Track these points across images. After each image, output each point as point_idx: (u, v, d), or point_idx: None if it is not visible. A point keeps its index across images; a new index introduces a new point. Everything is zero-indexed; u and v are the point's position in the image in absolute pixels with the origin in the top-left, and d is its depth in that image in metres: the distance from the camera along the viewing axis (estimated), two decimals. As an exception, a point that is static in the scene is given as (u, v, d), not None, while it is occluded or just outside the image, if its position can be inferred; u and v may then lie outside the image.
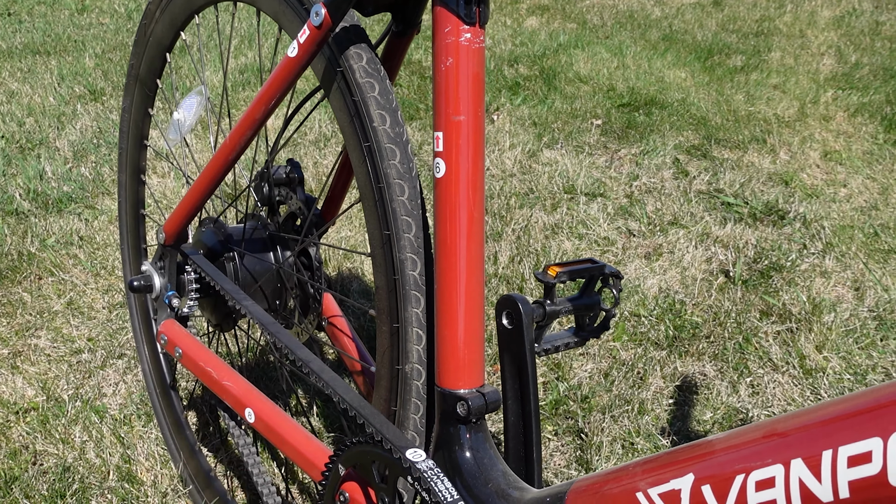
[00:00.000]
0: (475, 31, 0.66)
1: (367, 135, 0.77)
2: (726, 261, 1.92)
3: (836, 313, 1.69)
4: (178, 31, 1.16)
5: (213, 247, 1.05)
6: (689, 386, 1.50)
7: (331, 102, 0.82)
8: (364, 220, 0.81)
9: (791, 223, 2.10)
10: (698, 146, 2.60)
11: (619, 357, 1.57)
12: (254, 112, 0.84)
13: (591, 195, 2.27)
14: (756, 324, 1.67)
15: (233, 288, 0.94)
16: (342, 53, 0.78)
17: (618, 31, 4.13)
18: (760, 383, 1.50)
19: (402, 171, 0.76)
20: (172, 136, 1.18)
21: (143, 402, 1.47)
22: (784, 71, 3.42)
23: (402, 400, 0.78)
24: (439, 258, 0.70)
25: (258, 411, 0.87)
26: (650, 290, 1.79)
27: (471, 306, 0.70)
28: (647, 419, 1.41)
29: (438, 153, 0.68)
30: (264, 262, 1.06)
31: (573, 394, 1.48)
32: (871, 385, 0.87)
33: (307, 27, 0.76)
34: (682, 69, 3.45)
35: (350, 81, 0.78)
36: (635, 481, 0.53)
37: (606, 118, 2.85)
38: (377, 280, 0.80)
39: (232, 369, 0.92)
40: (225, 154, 0.87)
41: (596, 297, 0.84)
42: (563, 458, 1.35)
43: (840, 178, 2.41)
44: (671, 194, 2.27)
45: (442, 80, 0.66)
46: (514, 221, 2.10)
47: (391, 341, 0.79)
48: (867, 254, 1.96)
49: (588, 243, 2.01)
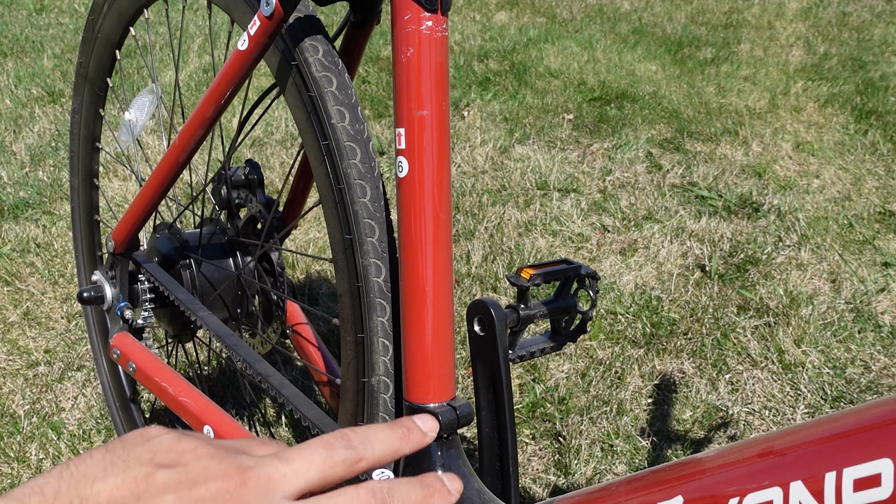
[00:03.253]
0: (437, 18, 0.61)
1: (325, 132, 0.72)
2: (702, 255, 1.90)
3: (813, 306, 1.67)
4: (127, 26, 1.10)
5: (167, 254, 0.99)
6: (667, 384, 1.47)
7: (286, 99, 0.77)
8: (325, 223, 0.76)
9: (765, 216, 2.08)
10: (671, 139, 2.58)
11: (597, 356, 1.54)
12: (204, 110, 0.78)
13: (564, 191, 2.24)
14: (733, 319, 1.64)
15: (187, 297, 0.88)
16: (297, 46, 0.73)
17: (587, 25, 4.10)
18: (740, 380, 1.48)
19: (364, 171, 0.71)
20: (124, 138, 1.12)
21: (104, 416, 1.41)
22: (754, 62, 3.42)
23: (368, 414, 0.73)
24: (404, 264, 0.65)
25: (217, 429, 0.81)
26: (626, 287, 1.76)
27: (439, 314, 0.65)
28: (626, 420, 1.38)
29: (401, 151, 0.63)
30: (223, 268, 1.00)
31: (550, 396, 1.44)
32: (866, 400, 0.84)
33: (258, 17, 0.71)
34: (652, 62, 3.43)
35: (306, 76, 0.73)
36: (621, 500, 0.49)
37: (578, 112, 2.82)
38: (340, 287, 0.75)
39: (189, 384, 0.87)
40: (175, 155, 0.82)
41: (572, 299, 0.80)
42: (542, 463, 1.31)
43: (813, 169, 2.40)
44: (645, 188, 2.24)
45: (403, 73, 0.62)
46: (487, 219, 2.05)
47: (356, 352, 0.74)
48: (842, 245, 1.95)
49: (562, 240, 1.97)
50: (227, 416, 0.84)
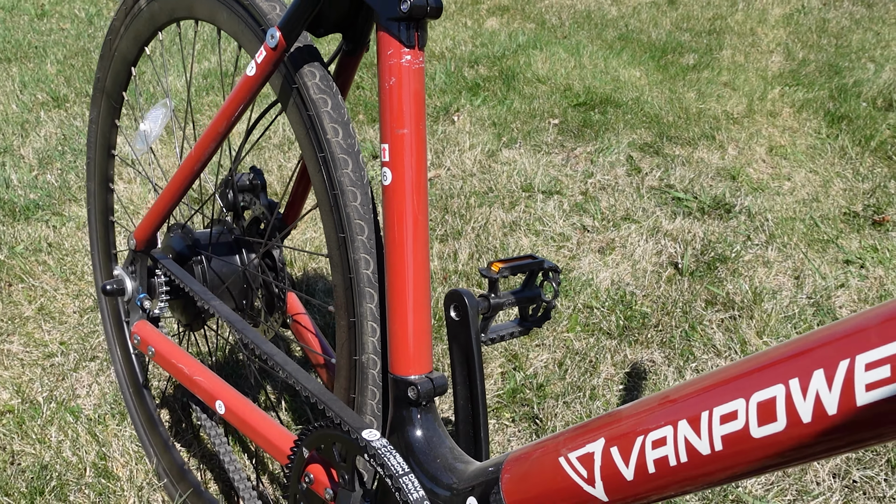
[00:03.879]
0: (415, 53, 0.73)
1: (321, 146, 0.84)
2: (675, 253, 2.02)
3: (776, 301, 1.80)
4: (143, 46, 1.22)
5: (181, 251, 1.11)
6: (638, 372, 1.60)
7: (288, 116, 0.89)
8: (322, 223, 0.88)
9: (736, 216, 2.21)
10: (651, 143, 2.71)
11: (573, 347, 1.66)
12: (217, 125, 0.90)
13: (547, 193, 2.36)
14: (701, 312, 1.77)
15: (201, 289, 1.00)
16: (297, 71, 0.85)
17: (575, 31, 4.23)
18: (704, 368, 1.60)
19: (355, 179, 0.83)
20: (139, 146, 1.24)
21: (117, 402, 1.52)
22: (734, 68, 3.55)
23: (359, 387, 0.85)
24: (389, 258, 0.77)
25: (227, 402, 0.93)
26: (603, 283, 1.88)
27: (418, 301, 0.77)
28: (597, 404, 1.50)
29: (385, 163, 0.75)
30: (231, 264, 1.12)
31: (529, 382, 1.56)
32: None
33: (264, 48, 0.83)
34: (636, 68, 3.55)
35: (305, 97, 0.85)
36: (558, 448, 0.61)
37: (563, 118, 2.94)
38: (335, 279, 0.88)
39: (202, 365, 0.99)
40: (191, 164, 0.94)
41: (537, 290, 0.92)
42: (520, 443, 1.43)
43: (785, 172, 2.52)
44: (624, 190, 2.37)
45: (386, 98, 0.74)
46: (474, 220, 2.17)
47: (349, 334, 0.86)
48: (807, 244, 2.07)
49: (545, 240, 2.09)
50: (236, 391, 0.96)
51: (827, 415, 0.44)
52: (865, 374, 0.42)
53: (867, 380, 0.42)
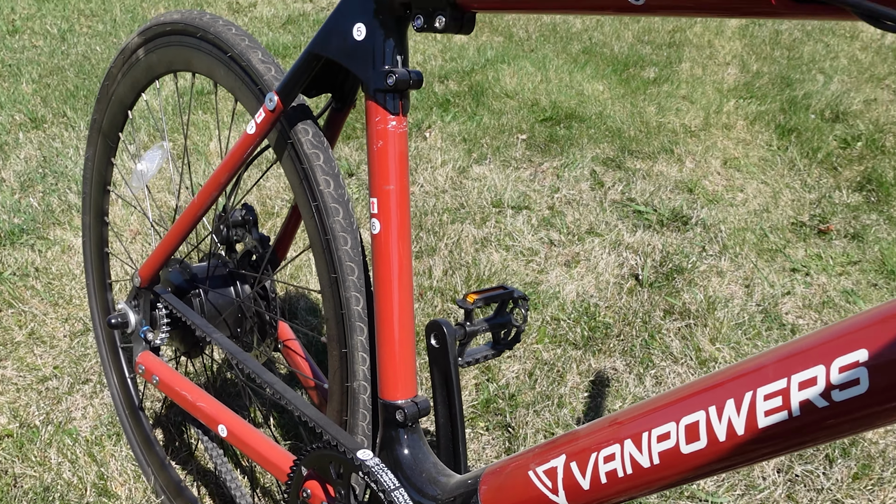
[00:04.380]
0: (399, 119, 0.84)
1: (315, 196, 0.94)
2: (636, 265, 2.15)
3: (727, 309, 1.93)
4: (140, 92, 1.31)
5: (180, 285, 1.21)
6: (601, 380, 1.72)
7: (283, 166, 1.00)
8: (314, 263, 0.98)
9: (693, 228, 2.35)
10: (613, 158, 2.84)
11: (542, 357, 1.78)
12: (218, 177, 1.00)
13: (517, 208, 2.48)
14: (659, 322, 1.90)
15: (203, 322, 1.10)
16: (292, 128, 0.96)
17: (542, 45, 4.36)
18: (662, 374, 1.73)
19: (346, 226, 0.94)
20: (136, 184, 1.33)
21: (112, 423, 1.61)
22: (692, 81, 3.70)
23: (351, 410, 0.96)
24: (378, 296, 0.88)
25: (229, 426, 1.03)
26: (569, 296, 2.01)
27: (404, 333, 0.88)
28: (565, 412, 1.62)
29: (374, 214, 0.86)
30: (226, 295, 1.22)
31: (502, 393, 1.67)
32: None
33: (263, 110, 0.93)
34: (600, 82, 3.69)
35: (299, 152, 0.95)
36: (528, 463, 0.73)
37: (531, 133, 3.07)
38: (327, 313, 0.98)
39: (204, 391, 1.09)
40: (194, 211, 1.04)
41: (507, 316, 1.03)
42: (494, 450, 1.55)
43: (738, 183, 2.67)
44: (588, 205, 2.50)
45: (375, 158, 0.84)
46: (447, 236, 2.29)
47: (340, 363, 0.97)
48: (757, 253, 2.22)
49: (514, 255, 2.21)
50: (236, 415, 1.06)
51: (737, 435, 0.56)
52: (764, 403, 0.54)
53: (766, 408, 0.54)
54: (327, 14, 5.19)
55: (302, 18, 4.92)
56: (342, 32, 0.85)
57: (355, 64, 0.84)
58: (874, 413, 0.50)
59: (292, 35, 4.60)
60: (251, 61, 1.01)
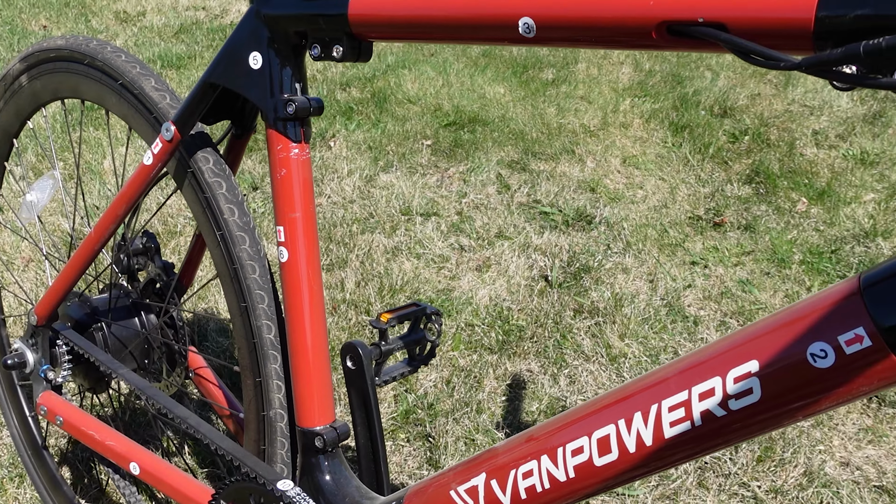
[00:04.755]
0: (301, 146, 0.84)
1: (219, 225, 0.93)
2: (545, 266, 2.20)
3: (634, 304, 2.01)
4: (25, 120, 1.25)
5: (80, 319, 1.16)
6: (518, 383, 1.75)
7: (184, 195, 0.97)
8: (223, 293, 0.96)
9: (597, 227, 2.42)
10: (518, 160, 2.90)
11: (458, 364, 1.80)
12: (116, 209, 0.97)
13: (425, 215, 2.49)
14: (570, 322, 1.95)
15: (107, 358, 1.06)
16: (191, 157, 0.93)
17: (441, 48, 4.39)
18: (576, 373, 1.78)
19: (253, 254, 0.92)
20: (25, 215, 1.27)
21: (14, 465, 1.53)
22: (589, 82, 3.81)
23: (269, 440, 0.95)
24: (290, 324, 0.87)
25: (142, 464, 1.00)
26: (482, 301, 2.03)
27: (318, 360, 0.88)
28: (484, 417, 1.64)
29: (282, 243, 0.85)
30: (131, 327, 1.18)
31: (420, 403, 1.68)
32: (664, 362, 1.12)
33: (160, 140, 0.91)
34: (500, 85, 3.75)
35: (201, 181, 0.93)
36: (449, 482, 0.74)
37: (435, 138, 3.09)
38: (238, 342, 0.96)
39: (112, 429, 1.05)
40: (92, 244, 1.00)
41: (421, 332, 1.04)
42: (416, 461, 1.55)
43: (637, 181, 2.77)
44: (496, 208, 2.54)
45: (279, 187, 0.84)
46: (358, 247, 2.28)
47: (255, 392, 0.95)
48: (659, 249, 2.31)
49: (426, 262, 2.22)
50: (148, 452, 1.03)
51: (646, 445, 0.59)
52: (669, 415, 0.57)
53: (671, 419, 0.57)
54: (221, 21, 5.06)
55: (195, 27, 4.78)
56: (238, 61, 0.83)
57: (253, 93, 0.83)
58: (768, 419, 0.53)
59: (186, 45, 4.48)
60: (144, 89, 0.99)
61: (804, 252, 2.28)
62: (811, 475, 1.51)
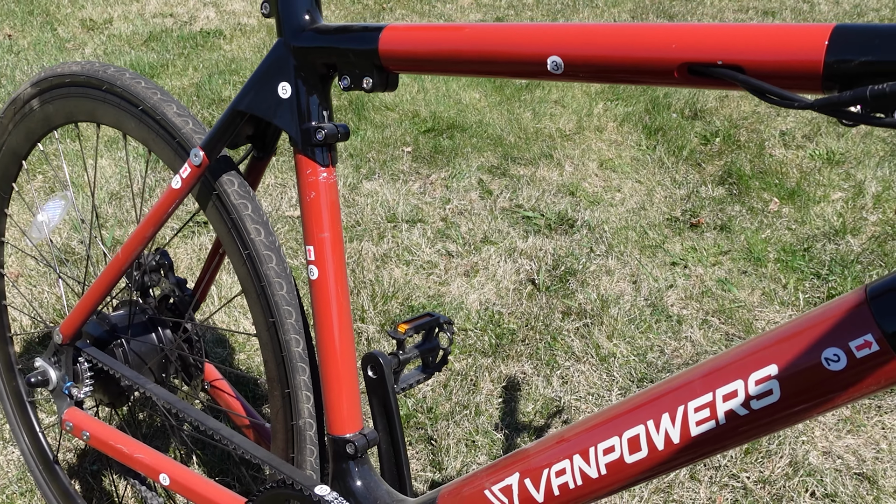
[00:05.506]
0: (329, 170, 0.88)
1: (246, 244, 0.97)
2: (531, 270, 2.27)
3: (619, 305, 2.08)
4: (36, 142, 1.28)
5: (100, 336, 1.19)
6: (513, 385, 1.81)
7: (208, 216, 1.01)
8: (249, 309, 1.00)
9: (579, 230, 2.49)
10: (498, 165, 2.96)
11: (455, 369, 1.85)
12: (144, 231, 1.01)
13: (411, 222, 2.54)
14: (559, 324, 2.01)
15: (133, 374, 1.10)
16: (216, 180, 0.98)
17: (414, 55, 4.44)
18: (568, 374, 1.84)
19: (280, 271, 0.97)
20: (36, 235, 1.30)
21: (23, 480, 1.55)
22: (562, 86, 3.89)
23: (298, 448, 0.99)
24: (320, 338, 0.92)
25: (172, 475, 1.04)
26: (473, 306, 2.09)
27: (347, 371, 0.93)
28: (482, 419, 1.70)
29: (311, 261, 0.90)
30: (149, 343, 1.22)
31: (420, 407, 1.74)
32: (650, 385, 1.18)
33: (188, 166, 0.95)
34: (475, 90, 3.82)
35: (226, 203, 0.97)
36: (483, 483, 0.79)
37: (415, 145, 3.14)
38: (265, 355, 1.01)
39: (140, 442, 1.08)
40: (119, 266, 1.03)
41: (435, 341, 1.10)
42: (420, 463, 1.61)
43: (615, 184, 2.85)
44: (480, 214, 2.60)
45: (308, 209, 0.88)
46: (348, 255, 2.32)
47: (283, 403, 1.00)
48: (640, 250, 2.39)
49: (415, 269, 2.28)
50: (177, 462, 1.07)
51: (673, 443, 0.65)
52: (695, 415, 0.63)
53: (697, 418, 0.63)
54: (191, 29, 5.04)
55: (164, 35, 4.77)
56: (267, 90, 0.88)
57: (283, 121, 0.88)
58: (786, 416, 0.59)
59: (156, 53, 4.47)
60: (166, 115, 1.02)
61: (778, 251, 2.37)
62: (796, 465, 1.60)
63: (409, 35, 0.77)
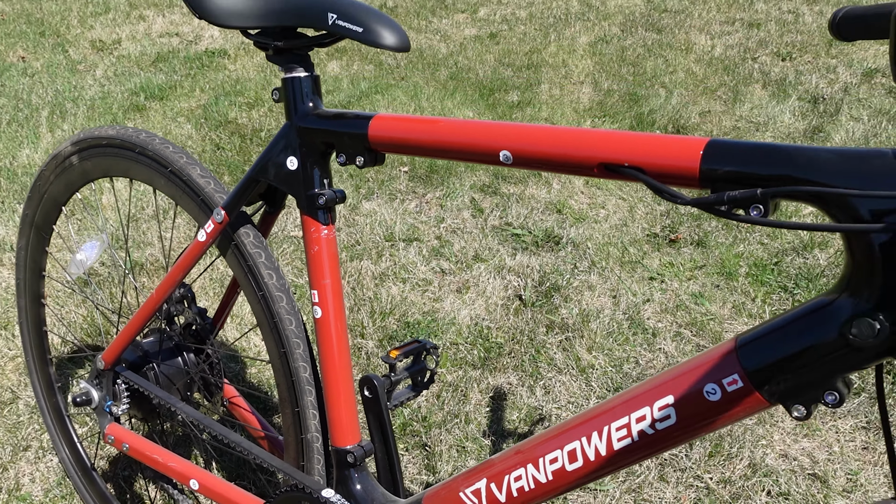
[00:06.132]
0: (329, 227, 1.07)
1: (260, 287, 1.15)
2: (519, 286, 2.45)
3: (599, 319, 2.26)
4: (74, 191, 1.46)
5: (134, 361, 1.38)
6: (499, 395, 1.99)
7: (228, 262, 1.20)
8: (263, 339, 1.19)
9: (564, 247, 2.67)
10: (489, 184, 3.14)
11: (447, 380, 2.04)
12: (174, 275, 1.19)
13: (407, 241, 2.72)
14: (543, 338, 2.20)
15: (164, 394, 1.28)
16: (235, 233, 1.16)
17: (411, 72, 4.63)
18: (550, 384, 2.02)
19: (289, 310, 1.15)
20: (73, 271, 1.48)
21: (63, 485, 1.73)
22: (552, 103, 4.07)
23: (307, 457, 1.18)
24: (324, 366, 1.10)
25: (201, 481, 1.22)
26: (464, 321, 2.27)
27: (346, 395, 1.11)
28: (472, 426, 1.88)
29: (316, 303, 1.08)
30: (175, 366, 1.40)
31: (416, 416, 1.92)
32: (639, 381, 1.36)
33: (211, 222, 1.13)
34: (469, 107, 4.00)
35: (243, 251, 1.16)
36: (459, 486, 0.97)
37: (412, 164, 3.32)
38: (278, 379, 1.19)
39: (172, 453, 1.27)
40: (154, 303, 1.22)
41: (423, 363, 1.28)
42: (415, 468, 1.79)
43: (599, 201, 3.03)
44: (472, 232, 2.78)
45: (313, 260, 1.07)
46: (349, 274, 2.50)
47: (293, 420, 1.18)
48: (620, 265, 2.57)
49: (411, 286, 2.46)
50: (205, 470, 1.25)
51: (601, 456, 0.83)
52: (616, 433, 0.81)
53: (617, 436, 0.81)
54: (196, 49, 5.22)
55: (171, 55, 4.96)
56: (278, 163, 1.06)
57: (291, 188, 1.06)
58: (682, 435, 0.77)
59: (165, 74, 4.65)
60: (192, 176, 1.21)
61: (749, 265, 2.55)
62: (755, 466, 1.78)
63: (393, 124, 0.95)
